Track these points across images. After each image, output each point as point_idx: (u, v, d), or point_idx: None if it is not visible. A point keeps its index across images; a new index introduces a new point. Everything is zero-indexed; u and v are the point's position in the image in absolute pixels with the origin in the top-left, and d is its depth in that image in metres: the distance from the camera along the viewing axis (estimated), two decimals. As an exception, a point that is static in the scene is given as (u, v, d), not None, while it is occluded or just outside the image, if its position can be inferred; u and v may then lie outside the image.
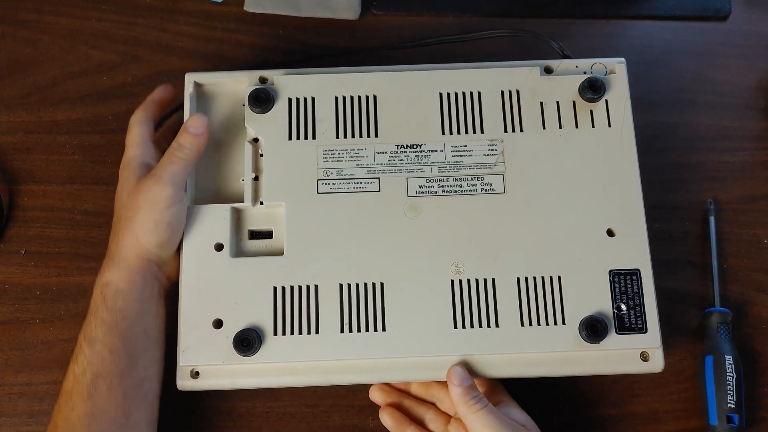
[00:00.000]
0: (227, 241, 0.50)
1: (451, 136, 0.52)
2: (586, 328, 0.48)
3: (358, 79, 0.53)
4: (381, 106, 0.53)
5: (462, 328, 0.48)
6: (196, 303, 0.49)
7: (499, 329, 0.48)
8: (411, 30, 0.65)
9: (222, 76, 0.55)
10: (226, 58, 0.63)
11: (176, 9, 0.65)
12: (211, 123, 0.53)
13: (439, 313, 0.49)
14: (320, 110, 0.53)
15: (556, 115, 0.53)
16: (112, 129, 0.61)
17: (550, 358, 0.49)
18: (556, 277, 0.49)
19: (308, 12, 0.65)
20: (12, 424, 0.54)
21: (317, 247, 0.50)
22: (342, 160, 0.52)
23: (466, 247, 0.50)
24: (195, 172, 0.53)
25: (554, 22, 0.66)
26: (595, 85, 0.52)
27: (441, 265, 0.50)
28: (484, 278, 0.49)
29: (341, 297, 0.49)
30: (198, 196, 0.53)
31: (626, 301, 0.49)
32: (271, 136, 0.52)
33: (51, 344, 0.55)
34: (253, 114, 0.52)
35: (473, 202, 0.51)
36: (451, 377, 0.47)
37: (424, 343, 0.48)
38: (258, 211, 0.52)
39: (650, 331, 0.49)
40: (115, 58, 0.63)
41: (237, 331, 0.48)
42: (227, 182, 0.53)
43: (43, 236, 0.58)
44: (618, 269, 0.50)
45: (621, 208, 0.51)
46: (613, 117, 0.53)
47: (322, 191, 0.51)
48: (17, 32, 0.64)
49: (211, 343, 0.48)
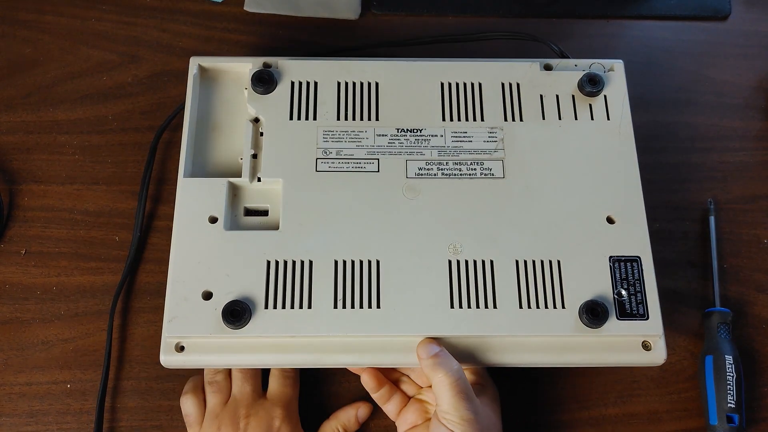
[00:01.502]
0: (222, 214, 0.50)
1: (452, 122, 0.53)
2: (587, 312, 0.47)
3: (362, 66, 0.54)
4: (383, 92, 0.53)
5: (459, 308, 0.48)
6: (185, 274, 0.48)
7: (497, 310, 0.48)
8: (411, 30, 0.65)
9: (226, 61, 0.55)
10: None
11: (176, 9, 0.65)
12: (213, 107, 0.54)
13: (435, 292, 0.48)
14: (322, 94, 0.53)
15: (555, 107, 0.53)
16: (112, 129, 0.61)
17: (550, 345, 0.48)
18: (555, 261, 0.49)
19: (308, 12, 0.65)
20: (12, 424, 0.53)
21: (313, 224, 0.49)
22: (342, 140, 0.52)
23: (465, 228, 0.50)
24: (193, 151, 0.53)
25: (554, 22, 0.66)
26: (594, 79, 0.53)
27: (439, 245, 0.49)
28: (483, 259, 0.49)
29: (336, 273, 0.48)
30: (195, 171, 0.52)
31: (627, 288, 0.49)
32: (272, 116, 0.52)
33: (51, 344, 0.55)
34: (255, 94, 0.53)
35: (472, 186, 0.51)
36: (420, 353, 0.46)
37: (419, 321, 0.47)
38: (255, 188, 0.52)
39: (652, 318, 0.48)
40: (115, 58, 0.63)
41: (226, 303, 0.47)
42: (226, 162, 0.53)
43: (43, 236, 0.58)
44: (618, 255, 0.49)
45: (620, 196, 0.51)
46: (611, 111, 0.53)
47: (321, 170, 0.51)
48: (17, 32, 0.64)
49: (199, 314, 0.47)
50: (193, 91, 0.54)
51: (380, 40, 0.64)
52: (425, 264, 0.49)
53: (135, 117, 0.61)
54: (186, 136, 0.52)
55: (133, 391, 0.54)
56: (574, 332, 0.47)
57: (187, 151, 0.52)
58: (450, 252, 0.49)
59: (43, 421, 0.54)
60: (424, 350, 0.46)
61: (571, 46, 0.56)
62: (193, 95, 0.54)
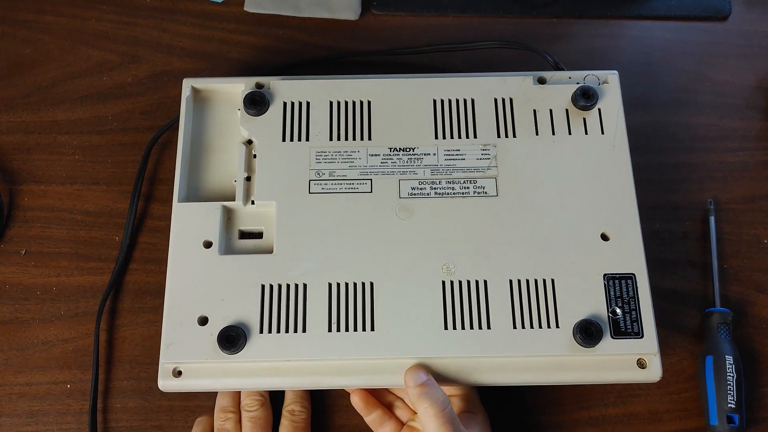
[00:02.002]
0: (216, 238, 0.50)
1: (444, 140, 0.52)
2: (581, 332, 0.47)
3: (353, 84, 0.54)
4: (375, 111, 0.53)
5: (453, 329, 0.48)
6: (181, 299, 0.48)
7: (491, 331, 0.48)
8: (411, 30, 0.65)
9: (219, 82, 0.55)
10: (226, 58, 0.63)
11: (176, 9, 0.65)
12: (206, 127, 0.54)
13: (429, 313, 0.48)
14: (315, 113, 0.53)
15: (549, 122, 0.53)
16: (112, 129, 0.61)
17: (543, 364, 0.48)
18: (549, 279, 0.49)
19: (308, 12, 0.65)
20: (12, 424, 0.54)
21: (307, 247, 0.49)
22: (335, 161, 0.52)
23: (458, 248, 0.50)
24: (187, 175, 0.53)
25: (554, 22, 0.66)
26: (588, 93, 0.53)
27: (432, 266, 0.49)
28: (476, 279, 0.49)
29: (330, 296, 0.48)
30: (189, 193, 0.53)
31: (621, 305, 0.49)
32: (265, 138, 0.52)
33: (51, 344, 0.55)
34: (248, 116, 0.53)
35: (465, 205, 0.51)
36: (407, 381, 0.46)
37: (413, 344, 0.48)
38: (249, 211, 0.52)
39: (647, 336, 0.48)
40: (115, 58, 0.63)
41: (222, 328, 0.47)
42: (219, 184, 0.53)
43: (43, 236, 0.58)
44: (613, 273, 0.49)
45: (615, 213, 0.51)
46: (606, 124, 0.53)
47: (314, 191, 0.51)
48: (17, 32, 0.64)
49: (195, 340, 0.47)
50: (186, 114, 0.54)
51: (380, 40, 0.64)
52: (419, 285, 0.49)
53: (135, 117, 0.61)
54: (180, 161, 0.52)
55: (133, 391, 0.54)
56: (568, 352, 0.47)
57: (181, 176, 0.52)
58: (444, 273, 0.49)
59: (43, 421, 0.54)
60: (411, 378, 0.46)
61: (570, 47, 0.56)
62: (186, 117, 0.54)
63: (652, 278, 0.50)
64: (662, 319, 0.56)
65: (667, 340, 0.56)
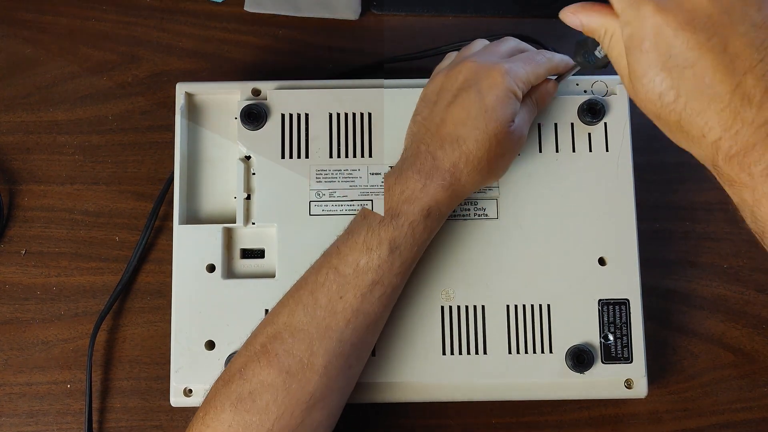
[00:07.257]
0: (219, 262, 0.50)
1: None
2: (572, 358, 0.48)
3: (353, 95, 0.53)
4: (375, 124, 0.52)
5: (450, 355, 0.49)
6: (188, 324, 0.49)
7: (486, 356, 0.49)
8: (411, 30, 0.65)
9: (214, 87, 0.55)
10: (226, 58, 0.63)
11: (176, 9, 0.65)
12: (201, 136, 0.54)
13: (428, 339, 0.49)
14: (314, 127, 0.52)
15: (553, 138, 0.52)
16: (112, 129, 0.61)
17: (535, 384, 0.50)
18: (545, 305, 0.50)
19: (308, 12, 0.65)
20: (12, 424, 0.54)
21: None
22: (335, 180, 0.51)
23: (458, 273, 0.50)
24: (186, 190, 0.53)
25: (554, 22, 0.66)
26: (595, 108, 0.52)
27: (432, 291, 0.50)
28: (474, 305, 0.49)
29: None
30: (189, 214, 0.53)
31: (614, 331, 0.50)
32: (264, 154, 0.52)
33: (51, 344, 0.55)
34: (246, 131, 0.52)
35: (466, 227, 0.51)
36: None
37: (412, 369, 0.48)
38: (250, 231, 0.52)
39: (635, 361, 0.49)
40: (115, 58, 0.63)
41: (229, 354, 0.48)
42: (219, 199, 0.53)
43: (43, 236, 0.58)
44: (607, 299, 0.50)
45: (614, 236, 0.51)
46: (611, 141, 0.52)
47: (315, 213, 0.51)
48: (17, 32, 0.64)
49: (204, 365, 0.49)
50: (181, 126, 0.53)
51: (380, 40, 0.64)
52: (419, 311, 0.49)
53: (135, 117, 0.61)
54: (178, 181, 0.52)
55: (133, 391, 0.54)
56: (559, 377, 0.49)
57: (180, 198, 0.52)
58: (443, 298, 0.49)
59: (43, 421, 0.54)
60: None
61: (570, 47, 0.56)
62: (181, 130, 0.53)
63: (652, 278, 0.50)
64: (662, 320, 0.56)
65: (667, 341, 0.56)
